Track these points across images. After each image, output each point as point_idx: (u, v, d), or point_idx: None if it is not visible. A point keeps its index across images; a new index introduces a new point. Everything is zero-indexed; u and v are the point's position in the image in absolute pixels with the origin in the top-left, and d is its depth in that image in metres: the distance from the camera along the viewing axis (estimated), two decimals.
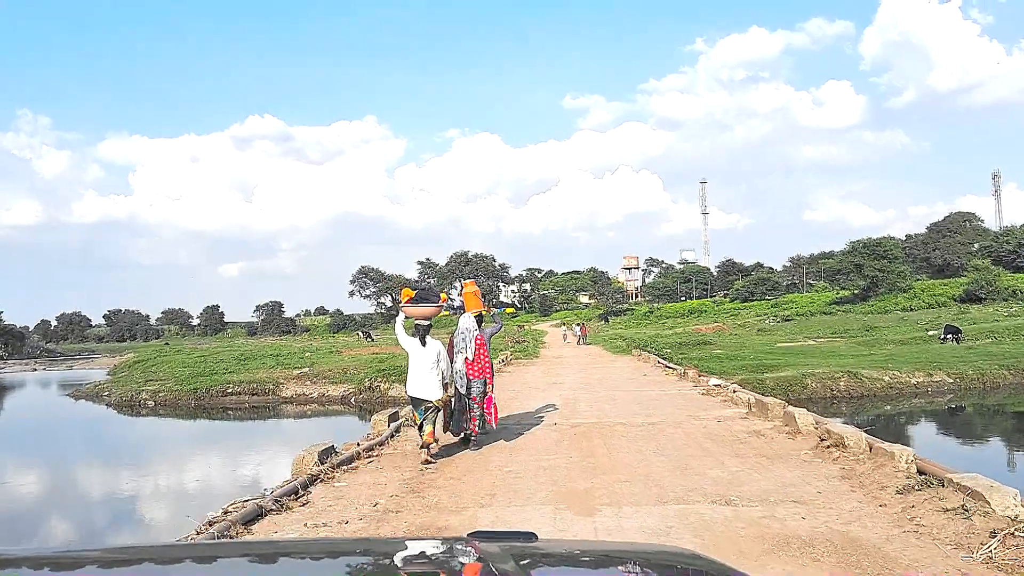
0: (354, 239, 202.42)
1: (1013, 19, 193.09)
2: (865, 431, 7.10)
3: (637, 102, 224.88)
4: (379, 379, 28.52)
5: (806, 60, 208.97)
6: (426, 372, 7.59)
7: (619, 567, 1.45)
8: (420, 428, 7.55)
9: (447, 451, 7.99)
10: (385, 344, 48.12)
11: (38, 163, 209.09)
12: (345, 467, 7.08)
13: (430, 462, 7.32)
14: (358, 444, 8.07)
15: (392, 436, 8.96)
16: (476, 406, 8.12)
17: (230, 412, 28.00)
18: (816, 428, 7.96)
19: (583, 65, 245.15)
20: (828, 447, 7.06)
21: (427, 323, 7.81)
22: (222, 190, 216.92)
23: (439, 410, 7.70)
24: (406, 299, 7.94)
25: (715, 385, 13.89)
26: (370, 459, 7.61)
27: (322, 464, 6.76)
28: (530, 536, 1.56)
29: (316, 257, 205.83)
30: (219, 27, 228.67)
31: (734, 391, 12.26)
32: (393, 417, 9.66)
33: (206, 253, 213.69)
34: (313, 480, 6.39)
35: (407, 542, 1.99)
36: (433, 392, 7.56)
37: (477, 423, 8.17)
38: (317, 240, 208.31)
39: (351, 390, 28.53)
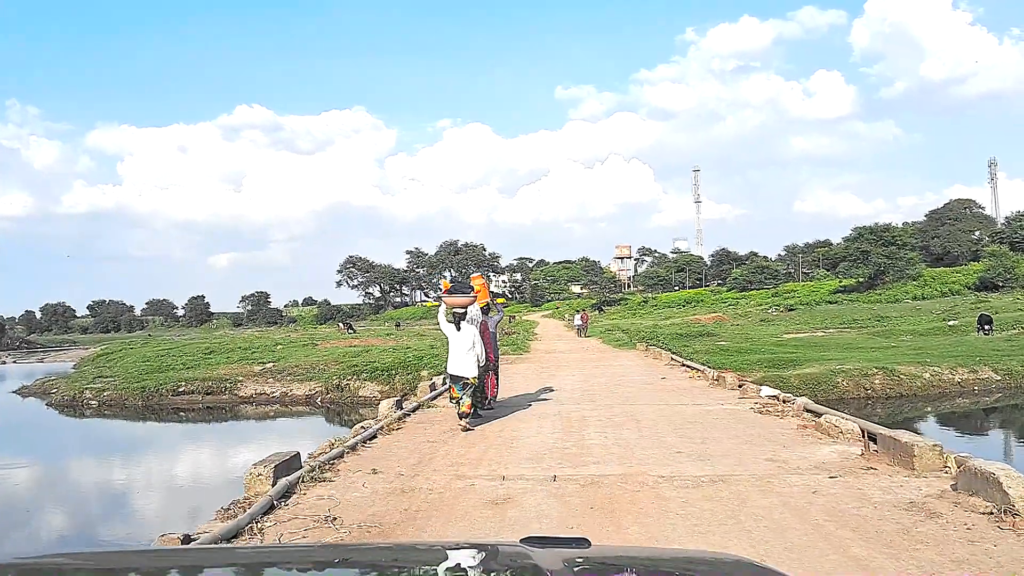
0: (345, 229, 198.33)
1: (1003, 8, 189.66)
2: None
3: (629, 92, 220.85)
4: (350, 377, 25.17)
5: (797, 50, 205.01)
6: (463, 353, 8.67)
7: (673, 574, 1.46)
8: (458, 402, 8.70)
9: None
10: (367, 336, 44.36)
11: (27, 153, 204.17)
12: None
13: (468, 429, 8.52)
14: (185, 539, 4.11)
15: (274, 508, 4.92)
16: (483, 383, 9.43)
17: (181, 413, 24.64)
18: None
19: (574, 55, 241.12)
20: None
21: (462, 311, 8.87)
22: (211, 180, 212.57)
23: (474, 386, 8.81)
24: (445, 290, 9.21)
25: (771, 398, 10.09)
26: None
27: None
28: (583, 542, 1.51)
29: (306, 247, 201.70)
30: (207, 15, 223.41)
31: (809, 412, 8.46)
32: (284, 467, 5.42)
33: (196, 244, 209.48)
34: None
35: (456, 547, 1.83)
36: (469, 370, 8.69)
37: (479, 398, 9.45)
38: (307, 230, 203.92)
39: (318, 389, 25.30)
